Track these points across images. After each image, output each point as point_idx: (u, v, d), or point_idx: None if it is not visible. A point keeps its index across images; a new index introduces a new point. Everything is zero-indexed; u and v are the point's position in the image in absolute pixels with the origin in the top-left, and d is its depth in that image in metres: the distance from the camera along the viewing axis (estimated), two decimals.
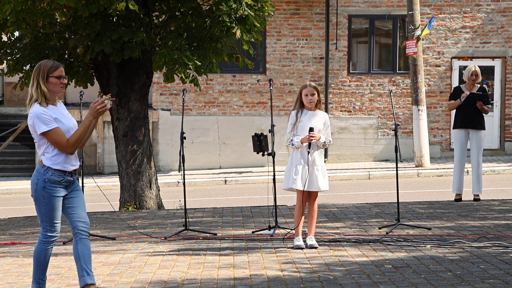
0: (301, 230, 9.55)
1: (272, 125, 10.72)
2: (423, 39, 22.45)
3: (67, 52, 14.73)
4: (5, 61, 14.75)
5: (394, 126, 10.80)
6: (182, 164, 10.85)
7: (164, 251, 9.67)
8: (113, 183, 21.30)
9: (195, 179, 22.08)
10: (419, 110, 21.96)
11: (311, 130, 9.33)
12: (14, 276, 8.51)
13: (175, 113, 24.65)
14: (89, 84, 15.24)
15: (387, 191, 18.35)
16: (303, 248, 9.40)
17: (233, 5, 13.60)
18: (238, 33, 13.62)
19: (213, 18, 13.89)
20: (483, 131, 13.52)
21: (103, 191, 13.74)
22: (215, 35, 14.25)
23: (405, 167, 22.06)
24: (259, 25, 14.35)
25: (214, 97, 24.60)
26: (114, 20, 13.85)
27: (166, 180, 22.01)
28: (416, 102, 22.03)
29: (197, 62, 13.96)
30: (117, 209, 14.62)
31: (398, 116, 24.17)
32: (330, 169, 22.23)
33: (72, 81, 15.08)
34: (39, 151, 6.87)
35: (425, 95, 22.67)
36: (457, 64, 24.23)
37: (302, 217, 9.48)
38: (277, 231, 10.70)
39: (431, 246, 9.32)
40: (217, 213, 13.42)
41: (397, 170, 11.24)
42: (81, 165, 7.18)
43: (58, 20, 14.39)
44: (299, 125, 9.44)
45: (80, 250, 6.91)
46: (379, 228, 10.84)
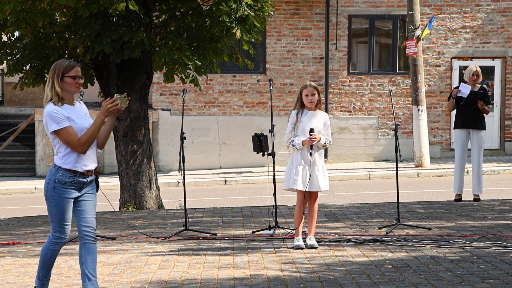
0: (301, 230, 9.55)
1: (272, 125, 10.72)
2: (423, 39, 22.45)
3: (67, 52, 14.73)
4: (5, 61, 14.75)
5: (394, 126, 10.80)
6: (182, 164, 10.85)
7: (164, 251, 9.67)
8: (113, 183, 21.30)
9: (195, 179, 22.08)
10: (419, 110, 21.96)
11: (311, 131, 9.32)
12: (14, 276, 8.51)
13: (175, 113, 24.65)
14: (89, 84, 15.24)
15: (387, 191, 18.35)
16: (303, 248, 9.40)
17: (233, 5, 13.60)
18: (238, 33, 13.62)
19: (213, 18, 13.89)
20: (483, 131, 13.52)
21: (103, 191, 13.72)
22: (215, 35, 14.25)
23: (405, 167, 22.06)
24: (259, 25, 14.35)
25: (214, 97, 24.60)
26: (114, 20, 13.84)
27: (166, 180, 22.01)
28: (416, 102, 22.03)
29: (197, 62, 13.96)
30: (117, 209, 14.62)
31: (398, 116, 24.17)
32: (330, 169, 22.23)
33: None
34: (54, 151, 6.85)
35: (425, 95, 22.67)
36: (457, 64, 24.23)
37: (302, 217, 9.49)
38: (277, 231, 10.70)
39: (431, 246, 9.32)
40: (217, 213, 13.42)
41: (397, 170, 11.24)
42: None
43: (58, 20, 14.38)
44: (300, 125, 9.44)
45: (83, 254, 6.86)
46: (379, 228, 10.84)
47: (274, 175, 10.88)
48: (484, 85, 13.98)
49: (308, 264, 8.54)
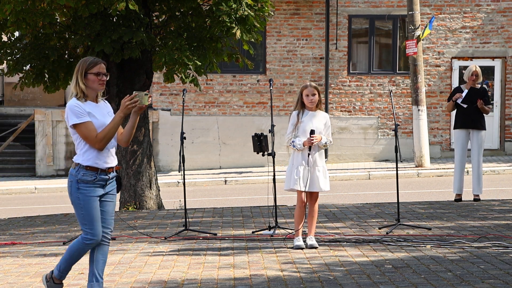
0: (301, 230, 9.55)
1: (272, 125, 10.73)
2: (423, 39, 22.45)
3: (67, 52, 14.73)
4: (5, 61, 14.75)
5: (394, 126, 10.80)
6: (182, 164, 10.85)
7: (164, 251, 9.67)
8: None
9: (195, 179, 22.08)
10: (419, 110, 21.96)
11: (312, 132, 9.32)
12: (14, 276, 8.51)
13: (175, 113, 24.65)
14: None
15: (387, 191, 18.35)
16: (303, 248, 9.40)
17: (233, 5, 13.60)
18: (238, 33, 13.62)
19: (213, 18, 13.89)
20: (483, 131, 13.52)
21: None
22: (215, 35, 14.25)
23: (405, 167, 22.06)
24: (259, 25, 14.35)
25: (214, 97, 24.60)
26: (114, 20, 13.84)
27: (166, 180, 22.02)
28: (416, 102, 22.03)
29: (197, 62, 13.96)
30: (117, 209, 14.62)
31: (398, 116, 24.17)
32: (330, 169, 22.23)
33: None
34: (75, 148, 6.81)
35: (425, 95, 22.67)
36: (457, 64, 24.23)
37: (303, 217, 9.49)
38: (277, 231, 10.70)
39: (431, 246, 9.32)
40: (217, 213, 13.42)
41: (397, 170, 11.24)
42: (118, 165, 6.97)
43: (58, 20, 14.39)
44: (300, 125, 9.44)
45: (96, 254, 6.82)
46: (379, 228, 10.84)
47: (274, 175, 10.88)
48: (484, 85, 13.98)
49: (308, 264, 8.54)
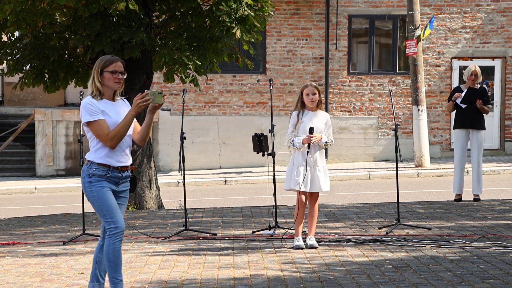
0: (301, 230, 9.55)
1: (272, 125, 10.73)
2: (423, 39, 22.44)
3: (67, 52, 14.73)
4: (5, 61, 14.75)
5: (394, 126, 10.80)
6: (182, 164, 10.85)
7: (164, 251, 9.67)
8: None
9: (195, 179, 22.08)
10: (419, 110, 21.96)
11: (311, 130, 9.33)
12: (14, 276, 8.51)
13: (175, 113, 24.65)
14: None
15: (387, 191, 18.34)
16: (303, 248, 9.40)
17: (233, 5, 13.60)
18: (238, 33, 13.62)
19: (213, 18, 13.89)
20: (483, 131, 13.52)
21: None
22: (215, 35, 14.25)
23: (405, 167, 22.06)
24: (259, 25, 14.35)
25: (214, 97, 24.60)
26: (114, 20, 13.84)
27: (166, 180, 22.02)
28: (416, 102, 22.03)
29: (197, 62, 13.96)
30: None
31: (398, 116, 24.16)
32: (330, 169, 22.22)
33: (72, 81, 15.09)
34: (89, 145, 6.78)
35: (425, 95, 22.67)
36: (457, 64, 24.23)
37: (302, 217, 9.49)
38: (277, 231, 10.70)
39: (431, 246, 9.32)
40: (217, 213, 13.42)
41: (397, 170, 11.24)
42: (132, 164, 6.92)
43: (58, 20, 14.38)
44: (301, 125, 9.44)
45: (100, 255, 6.79)
46: (379, 228, 10.84)
47: (274, 175, 10.88)
48: (484, 85, 13.98)
49: (308, 264, 8.54)
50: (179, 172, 11.03)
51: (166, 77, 15.18)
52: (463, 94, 13.36)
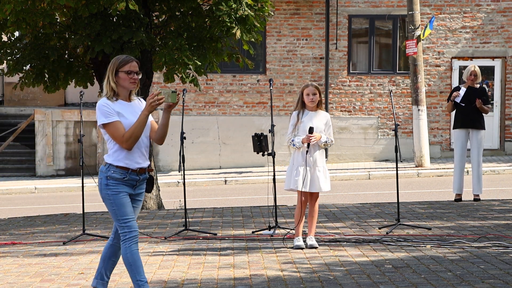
0: (301, 230, 9.55)
1: (272, 125, 10.73)
2: (423, 39, 22.44)
3: (67, 52, 14.73)
4: (5, 61, 14.75)
5: (394, 126, 10.80)
6: (182, 164, 10.86)
7: (164, 251, 9.68)
8: None
9: (195, 179, 22.08)
10: (419, 110, 21.96)
11: (310, 130, 9.33)
12: (14, 276, 8.51)
13: (175, 113, 24.54)
14: (89, 84, 15.24)
15: (387, 191, 18.34)
16: (303, 248, 9.40)
17: (233, 5, 13.60)
18: (238, 33, 13.62)
19: (213, 18, 13.89)
20: (483, 131, 13.52)
21: None
22: (215, 35, 14.25)
23: (405, 167, 22.06)
24: (259, 25, 14.34)
25: (214, 97, 24.60)
26: (114, 20, 13.84)
27: (166, 180, 22.01)
28: (416, 102, 22.03)
29: (197, 62, 13.96)
30: None
31: (398, 116, 24.16)
32: (330, 169, 22.22)
33: (72, 81, 15.09)
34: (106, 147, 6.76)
35: (425, 95, 22.66)
36: (457, 64, 24.23)
37: (302, 217, 9.49)
38: (277, 231, 10.70)
39: (431, 246, 9.32)
40: (217, 213, 13.42)
41: (397, 170, 11.24)
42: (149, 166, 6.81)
43: (58, 20, 14.38)
44: (301, 125, 9.44)
45: (108, 253, 6.75)
46: (379, 228, 10.84)
47: (274, 175, 10.88)
48: (484, 85, 13.99)
49: (308, 264, 8.54)
50: (179, 172, 11.03)
51: (166, 77, 15.18)
52: (461, 92, 13.35)
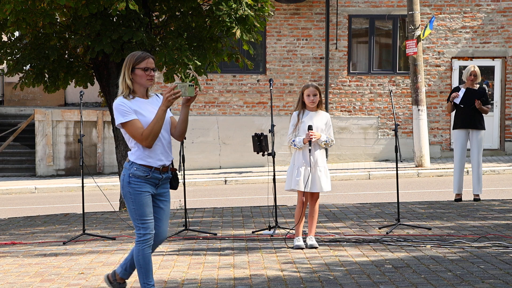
0: (301, 230, 9.55)
1: (272, 125, 10.73)
2: (423, 39, 22.44)
3: (67, 52, 14.73)
4: (5, 61, 14.75)
5: (394, 126, 10.81)
6: (182, 164, 10.86)
7: (164, 251, 9.67)
8: (113, 183, 21.30)
9: (195, 179, 22.07)
10: (419, 110, 21.96)
11: (310, 128, 9.34)
12: (14, 276, 8.51)
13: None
14: (89, 84, 15.24)
15: (387, 191, 18.34)
16: (303, 248, 9.40)
17: (233, 5, 13.60)
18: (238, 33, 13.62)
19: (213, 18, 13.89)
20: (483, 131, 13.53)
21: (103, 191, 13.74)
22: (215, 35, 14.25)
23: (405, 167, 22.05)
24: (259, 25, 14.34)
25: (214, 97, 24.60)
26: (114, 20, 13.84)
27: None
28: (416, 102, 22.03)
29: (197, 62, 13.96)
30: (117, 209, 14.62)
31: (398, 116, 24.16)
32: (330, 169, 22.19)
33: (72, 81, 15.09)
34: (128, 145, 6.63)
35: (425, 95, 22.66)
36: (457, 64, 24.23)
37: (303, 217, 9.49)
38: (277, 231, 10.70)
39: (431, 246, 9.33)
40: (217, 213, 13.42)
41: (397, 170, 11.24)
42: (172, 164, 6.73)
43: (58, 20, 14.39)
44: (301, 126, 9.44)
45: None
46: (379, 228, 10.84)
47: (274, 175, 10.88)
48: (484, 85, 13.99)
49: (308, 264, 8.54)
50: (179, 172, 11.03)
51: (166, 77, 15.18)
52: (460, 93, 13.36)
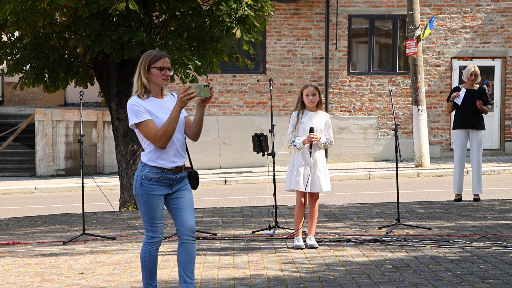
0: (301, 230, 9.55)
1: (272, 125, 10.73)
2: (423, 39, 22.44)
3: (67, 52, 14.73)
4: (5, 61, 14.75)
5: (394, 126, 10.81)
6: None
7: (164, 251, 9.67)
8: (113, 183, 21.29)
9: None
10: (419, 110, 21.96)
11: (311, 130, 9.33)
12: (14, 276, 8.51)
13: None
14: (89, 84, 15.25)
15: (387, 191, 18.34)
16: (303, 248, 9.40)
17: (233, 5, 13.61)
18: (238, 33, 13.63)
19: (213, 18, 13.89)
20: (483, 131, 13.53)
21: (103, 191, 13.74)
22: (215, 35, 14.25)
23: (405, 167, 22.05)
24: (259, 25, 14.35)
25: (214, 97, 24.58)
26: (114, 20, 13.85)
27: None
28: (416, 102, 22.03)
29: (197, 62, 13.96)
30: (117, 209, 14.62)
31: (398, 116, 24.16)
32: (330, 169, 22.22)
33: (72, 81, 15.09)
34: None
35: (425, 95, 22.66)
36: (457, 64, 24.23)
37: (302, 217, 9.49)
38: (277, 231, 10.70)
39: (431, 246, 9.32)
40: (217, 213, 13.42)
41: (397, 170, 11.24)
42: (185, 164, 6.60)
43: (58, 20, 14.39)
44: (300, 126, 9.44)
45: (180, 255, 6.56)
46: (379, 228, 10.84)
47: (274, 175, 10.88)
48: (484, 85, 13.99)
49: (308, 264, 8.54)
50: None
51: None
52: (461, 93, 13.36)
